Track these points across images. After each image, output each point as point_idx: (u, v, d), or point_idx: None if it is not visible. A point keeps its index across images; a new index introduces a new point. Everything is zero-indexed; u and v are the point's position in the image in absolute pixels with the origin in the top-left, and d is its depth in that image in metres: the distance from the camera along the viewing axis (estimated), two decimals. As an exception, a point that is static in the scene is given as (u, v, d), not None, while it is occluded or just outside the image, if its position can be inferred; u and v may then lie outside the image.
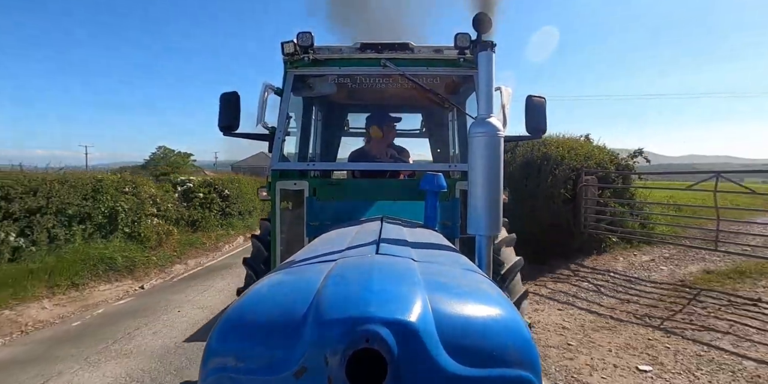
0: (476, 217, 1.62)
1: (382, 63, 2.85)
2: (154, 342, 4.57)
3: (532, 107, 2.79)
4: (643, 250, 7.94)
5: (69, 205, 7.11)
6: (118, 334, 4.85)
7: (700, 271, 6.57)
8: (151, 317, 5.43)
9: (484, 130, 1.62)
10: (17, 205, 6.47)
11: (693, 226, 8.54)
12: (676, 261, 7.16)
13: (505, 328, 0.87)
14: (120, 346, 4.46)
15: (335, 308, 0.81)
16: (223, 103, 2.81)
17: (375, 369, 0.73)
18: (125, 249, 7.65)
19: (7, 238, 6.24)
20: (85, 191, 7.44)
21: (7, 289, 5.80)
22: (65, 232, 7.00)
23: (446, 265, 1.27)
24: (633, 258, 7.51)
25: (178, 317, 5.43)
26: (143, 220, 8.32)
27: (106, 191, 7.72)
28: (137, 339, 4.66)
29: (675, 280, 6.29)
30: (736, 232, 8.13)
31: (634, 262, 7.29)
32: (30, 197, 6.64)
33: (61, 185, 7.06)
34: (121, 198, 8.00)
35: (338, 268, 1.06)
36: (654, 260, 7.26)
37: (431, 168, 3.18)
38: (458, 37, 2.76)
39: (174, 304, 6.05)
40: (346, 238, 1.60)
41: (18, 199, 6.50)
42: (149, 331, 4.89)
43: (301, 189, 2.76)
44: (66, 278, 6.48)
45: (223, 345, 0.86)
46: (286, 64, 2.93)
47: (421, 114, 4.47)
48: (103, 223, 7.62)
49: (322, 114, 4.23)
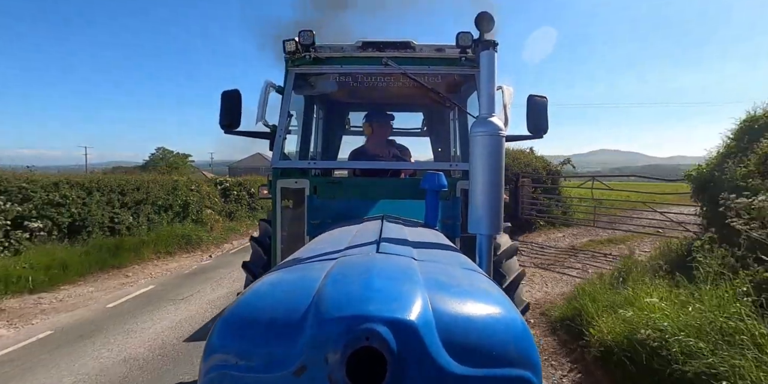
0: (477, 216, 1.60)
1: (383, 61, 2.80)
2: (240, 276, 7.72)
3: (534, 107, 2.75)
4: (561, 230, 11.33)
5: (159, 198, 10.20)
6: (217, 276, 7.91)
7: (588, 241, 9.93)
8: (228, 269, 8.51)
9: (485, 129, 1.60)
10: (128, 197, 9.54)
11: (601, 213, 11.94)
12: (578, 236, 10.55)
13: (505, 327, 0.86)
14: (218, 281, 7.55)
15: (336, 306, 0.80)
16: (224, 100, 2.78)
17: (375, 367, 0.72)
18: (194, 230, 10.72)
19: (127, 218, 9.32)
20: (167, 189, 10.53)
21: (131, 253, 8.84)
22: (158, 217, 10.09)
23: (447, 264, 1.27)
24: (552, 235, 10.87)
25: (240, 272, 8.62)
26: (203, 210, 11.47)
27: (180, 189, 10.83)
28: (228, 277, 7.76)
29: (570, 246, 9.61)
30: (621, 216, 11.64)
31: (551, 237, 10.63)
32: (136, 192, 9.71)
33: (154, 184, 10.16)
34: (190, 194, 11.12)
35: (339, 266, 1.06)
36: (564, 236, 10.64)
37: (432, 167, 3.21)
38: (460, 35, 2.70)
39: (235, 264, 9.16)
40: (346, 236, 1.60)
41: (129, 193, 9.55)
42: (232, 275, 7.99)
43: (302, 187, 2.73)
44: (162, 248, 9.54)
45: (223, 342, 0.86)
46: (287, 63, 2.90)
47: (423, 113, 4.48)
48: (179, 211, 10.78)
49: (323, 112, 4.23)
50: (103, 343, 4.62)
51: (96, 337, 4.80)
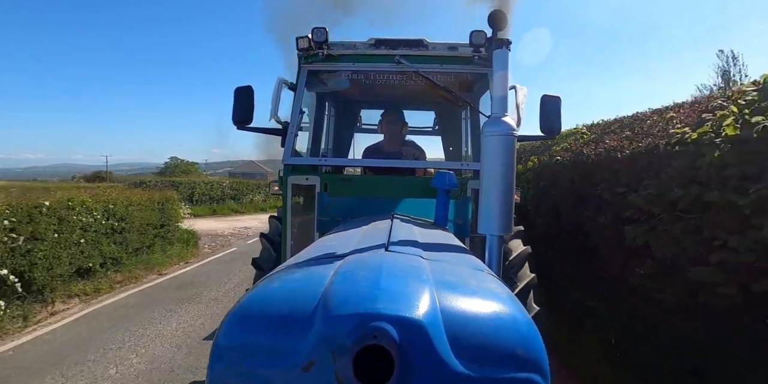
0: (487, 216, 1.59)
1: (396, 59, 2.80)
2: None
3: (546, 106, 2.73)
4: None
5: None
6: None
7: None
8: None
9: (497, 129, 1.59)
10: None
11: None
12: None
13: (513, 329, 0.86)
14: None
15: (344, 304, 0.81)
16: (237, 97, 2.79)
17: (382, 365, 0.73)
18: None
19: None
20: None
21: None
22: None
23: (456, 264, 1.26)
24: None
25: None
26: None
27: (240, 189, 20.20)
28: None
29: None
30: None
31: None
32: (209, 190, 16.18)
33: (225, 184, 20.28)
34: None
35: (347, 264, 1.07)
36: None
37: (443, 166, 3.18)
38: (473, 34, 2.68)
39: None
40: (356, 234, 1.61)
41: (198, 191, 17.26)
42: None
43: (312, 184, 2.73)
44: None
45: (231, 339, 0.86)
46: (300, 60, 2.91)
47: (434, 111, 4.46)
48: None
49: (335, 109, 4.24)
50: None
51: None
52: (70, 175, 53.76)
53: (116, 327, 5.03)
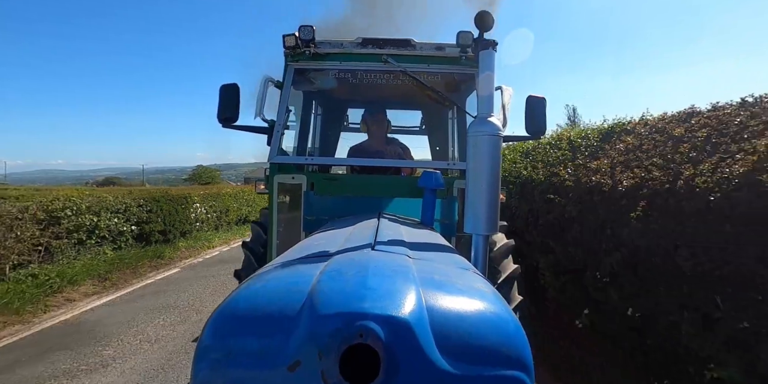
0: (473, 216, 1.60)
1: (383, 59, 2.81)
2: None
3: (532, 107, 2.74)
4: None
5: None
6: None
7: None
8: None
9: (483, 129, 1.60)
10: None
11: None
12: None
13: (498, 327, 0.87)
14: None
15: (330, 303, 0.81)
16: (222, 94, 2.77)
17: (368, 364, 0.73)
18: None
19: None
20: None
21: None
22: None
23: (442, 263, 1.26)
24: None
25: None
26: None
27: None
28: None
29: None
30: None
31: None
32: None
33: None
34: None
35: (334, 263, 1.06)
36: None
37: (430, 165, 3.22)
38: (460, 34, 2.69)
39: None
40: (342, 233, 1.60)
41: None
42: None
43: (298, 183, 2.72)
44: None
45: (217, 338, 0.85)
46: (286, 58, 2.90)
47: (421, 111, 4.48)
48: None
49: (321, 108, 4.23)
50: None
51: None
52: (52, 181, 52.89)
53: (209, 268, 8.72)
